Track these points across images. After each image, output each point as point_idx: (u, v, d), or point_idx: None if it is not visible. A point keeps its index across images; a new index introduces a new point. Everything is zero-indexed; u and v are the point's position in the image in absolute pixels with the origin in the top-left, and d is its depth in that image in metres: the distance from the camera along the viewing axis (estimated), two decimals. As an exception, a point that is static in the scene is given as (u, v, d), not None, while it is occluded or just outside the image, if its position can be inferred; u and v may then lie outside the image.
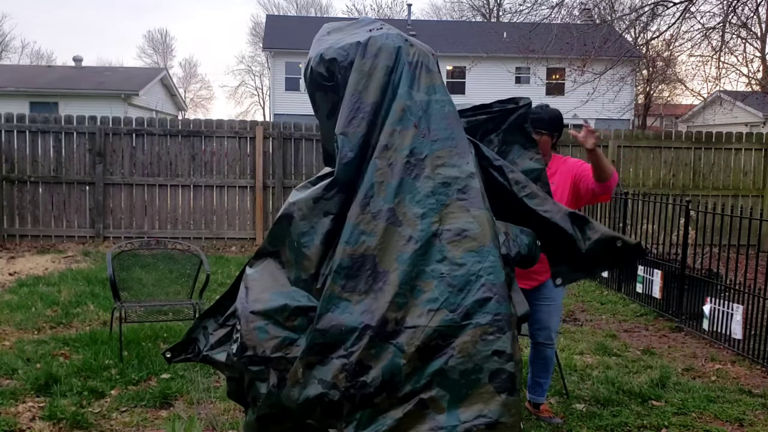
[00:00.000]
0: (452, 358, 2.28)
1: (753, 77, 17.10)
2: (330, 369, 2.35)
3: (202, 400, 4.21)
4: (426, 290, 2.36)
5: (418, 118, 2.56)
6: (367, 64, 2.59)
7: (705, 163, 11.26)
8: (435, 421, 2.28)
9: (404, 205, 2.46)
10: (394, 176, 2.48)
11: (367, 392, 2.32)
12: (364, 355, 2.33)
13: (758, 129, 22.38)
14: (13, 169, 10.12)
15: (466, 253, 2.38)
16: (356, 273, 2.40)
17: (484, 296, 2.32)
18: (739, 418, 4.10)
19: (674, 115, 36.41)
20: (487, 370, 2.27)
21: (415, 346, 2.29)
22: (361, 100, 2.55)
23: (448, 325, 2.30)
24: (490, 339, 2.28)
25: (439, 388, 2.29)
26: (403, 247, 2.41)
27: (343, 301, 2.39)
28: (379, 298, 2.36)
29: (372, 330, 2.33)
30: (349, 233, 2.43)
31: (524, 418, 3.99)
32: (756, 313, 5.21)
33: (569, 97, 17.58)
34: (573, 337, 5.80)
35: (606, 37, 12.02)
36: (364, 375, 2.32)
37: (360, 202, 2.46)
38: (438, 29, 32.28)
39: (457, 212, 2.46)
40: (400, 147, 2.52)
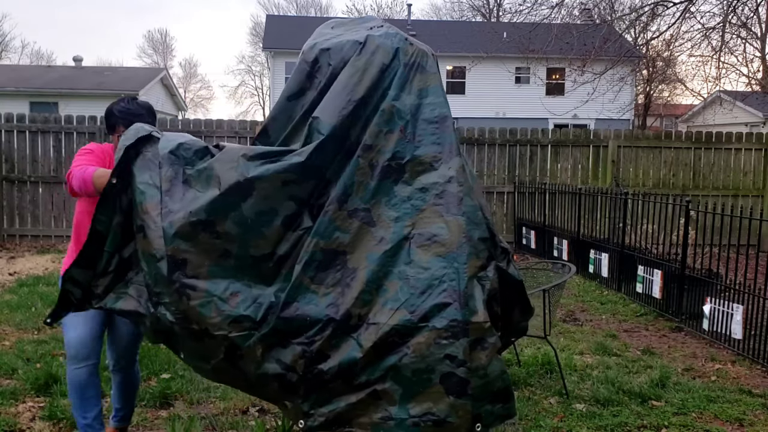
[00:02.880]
0: (406, 356, 2.37)
1: (753, 77, 17.10)
2: (289, 353, 2.45)
3: (202, 400, 4.21)
4: (390, 290, 2.43)
5: (405, 122, 2.60)
6: (362, 60, 2.62)
7: (705, 163, 11.26)
8: (386, 411, 2.41)
9: (380, 207, 2.52)
10: (374, 178, 2.54)
11: (323, 378, 2.43)
12: (325, 345, 2.42)
13: (758, 129, 22.39)
14: (13, 169, 10.12)
15: (434, 258, 2.44)
16: (326, 267, 2.47)
17: (444, 301, 2.38)
18: (739, 418, 4.10)
19: (674, 115, 36.42)
20: (439, 372, 2.36)
21: (373, 341, 2.39)
22: (352, 93, 2.58)
23: (405, 324, 2.38)
24: (444, 343, 2.35)
25: (393, 382, 2.40)
26: (375, 247, 2.47)
27: (311, 293, 2.45)
28: (346, 294, 2.44)
29: (335, 323, 2.42)
30: (324, 227, 2.48)
31: (523, 417, 4.00)
32: (756, 313, 5.21)
33: (569, 97, 17.58)
34: (573, 337, 5.80)
35: (606, 37, 12.02)
36: (322, 363, 2.43)
37: (338, 197, 2.51)
38: (438, 29, 32.27)
39: (431, 217, 2.51)
40: (383, 149, 2.56)
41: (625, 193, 7.71)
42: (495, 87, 28.75)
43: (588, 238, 8.31)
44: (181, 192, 2.54)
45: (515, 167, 11.02)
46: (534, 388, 4.54)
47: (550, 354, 4.84)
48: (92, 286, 2.76)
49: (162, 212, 2.53)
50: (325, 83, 2.67)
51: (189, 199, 2.52)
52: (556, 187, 9.53)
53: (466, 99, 28.97)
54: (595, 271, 8.05)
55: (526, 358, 5.02)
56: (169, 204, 2.52)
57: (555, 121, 24.17)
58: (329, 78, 2.67)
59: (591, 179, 10.97)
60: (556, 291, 4.52)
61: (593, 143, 11.12)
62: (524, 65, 19.97)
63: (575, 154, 11.15)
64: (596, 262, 8.03)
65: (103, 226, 2.68)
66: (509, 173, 11.00)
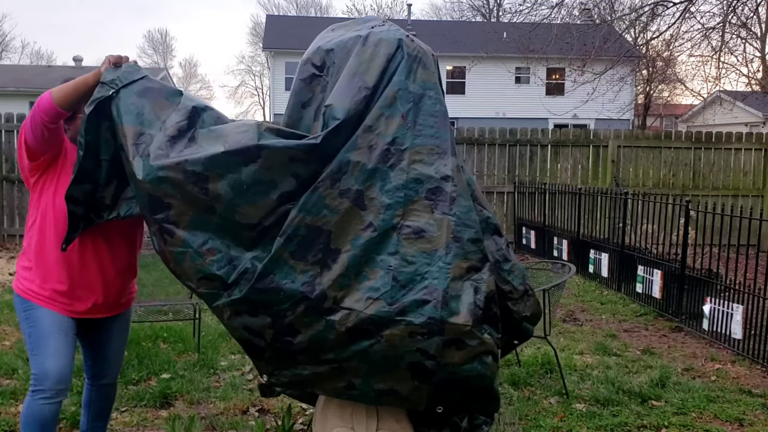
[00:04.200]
0: (378, 344, 2.39)
1: (753, 77, 17.10)
2: (258, 321, 2.47)
3: (202, 400, 4.21)
4: (371, 278, 2.41)
5: (408, 109, 2.58)
6: (368, 51, 2.63)
7: (705, 163, 11.27)
8: (350, 382, 2.47)
9: (373, 191, 2.49)
10: (371, 161, 2.50)
11: (290, 349, 2.46)
12: (296, 321, 2.43)
13: (758, 129, 22.40)
14: (13, 169, 10.12)
15: (419, 253, 2.43)
16: (308, 243, 2.44)
17: (424, 298, 2.37)
18: (739, 418, 4.10)
19: (674, 115, 36.42)
20: (408, 359, 2.39)
21: (347, 327, 2.39)
22: (363, 81, 2.57)
23: (382, 316, 2.37)
24: (418, 339, 2.36)
25: (360, 362, 2.43)
26: (361, 231, 2.45)
27: (288, 267, 2.43)
28: (324, 274, 2.42)
29: (309, 302, 2.41)
30: (313, 203, 2.45)
31: (523, 417, 4.00)
32: (756, 313, 5.21)
33: (569, 97, 17.58)
34: (573, 337, 5.80)
35: (606, 37, 12.02)
36: (291, 336, 2.45)
37: (331, 175, 2.47)
38: (438, 29, 32.26)
39: (421, 211, 2.49)
40: (383, 133, 2.53)
41: (625, 193, 7.71)
42: (495, 87, 28.74)
43: (588, 238, 8.31)
44: (182, 146, 2.50)
45: (515, 167, 11.02)
46: (534, 388, 4.54)
47: (550, 354, 4.84)
48: (98, 198, 2.74)
49: (148, 148, 2.50)
50: (333, 81, 2.67)
51: (187, 151, 2.49)
52: (556, 187, 9.53)
53: (466, 99, 28.97)
54: (595, 271, 8.05)
55: (526, 358, 5.02)
56: (166, 149, 2.49)
57: (555, 121, 24.15)
58: (336, 74, 2.66)
59: (591, 179, 10.97)
60: (556, 291, 4.52)
61: (593, 143, 11.12)
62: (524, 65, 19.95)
63: (575, 154, 11.16)
64: (596, 262, 8.04)
65: (92, 135, 2.64)
66: (509, 173, 11.00)
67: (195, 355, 5.00)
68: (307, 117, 2.73)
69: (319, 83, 2.74)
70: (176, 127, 2.54)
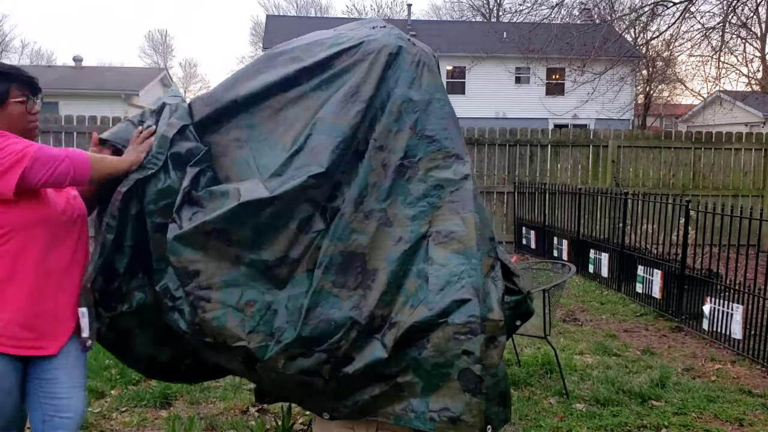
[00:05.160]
0: (425, 350, 2.38)
1: (753, 77, 17.09)
2: (314, 360, 2.41)
3: (202, 400, 4.21)
4: (410, 288, 2.43)
5: (415, 118, 2.58)
6: (368, 60, 2.61)
7: (705, 163, 11.27)
8: (409, 403, 2.42)
9: (396, 207, 2.51)
10: (387, 178, 2.52)
11: (349, 380, 2.43)
12: (350, 348, 2.41)
13: (758, 129, 22.39)
14: (13, 169, 10.11)
15: (452, 254, 2.45)
16: (346, 269, 2.45)
17: (463, 297, 2.38)
18: (739, 418, 4.10)
19: (674, 115, 36.41)
20: (457, 367, 2.37)
21: (395, 340, 2.38)
22: (358, 93, 2.56)
23: (425, 321, 2.38)
24: (462, 339, 2.36)
25: (414, 375, 2.40)
26: (393, 247, 2.47)
27: (333, 297, 2.43)
28: (368, 296, 2.43)
29: (359, 326, 2.41)
30: (342, 230, 2.47)
31: (523, 417, 4.00)
32: (756, 313, 5.20)
33: (569, 97, 17.60)
34: (573, 337, 5.80)
35: (606, 37, 12.02)
36: (348, 366, 2.42)
37: (354, 200, 2.49)
38: (438, 29, 32.26)
39: (448, 214, 2.51)
40: (394, 149, 2.55)
41: (625, 193, 7.71)
42: (495, 87, 28.74)
43: (588, 238, 8.31)
44: (190, 212, 2.46)
45: (515, 167, 11.02)
46: (534, 388, 4.54)
47: (550, 354, 4.84)
48: (113, 289, 2.56)
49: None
50: (326, 85, 2.65)
51: (198, 216, 2.45)
52: (556, 187, 9.53)
53: (466, 99, 28.97)
54: (595, 271, 8.05)
55: (526, 358, 5.02)
56: (178, 219, 2.44)
57: (555, 121, 24.18)
58: (336, 77, 2.65)
59: (591, 179, 10.97)
60: (556, 291, 4.51)
61: (593, 143, 11.12)
62: (524, 65, 19.98)
63: (575, 154, 11.15)
64: (596, 262, 8.03)
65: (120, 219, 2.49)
66: (509, 173, 11.00)
67: (195, 355, 4.99)
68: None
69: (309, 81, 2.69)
70: (182, 194, 2.48)
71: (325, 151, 2.50)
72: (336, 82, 2.63)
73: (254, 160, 2.58)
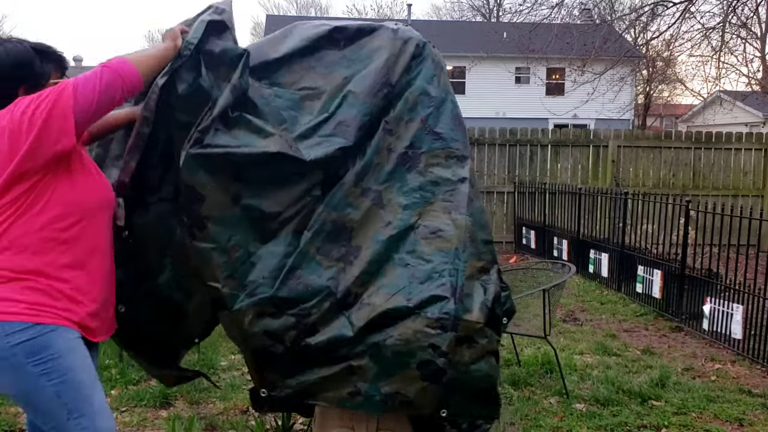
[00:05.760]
0: (391, 338, 2.36)
1: (753, 77, 17.10)
2: (281, 323, 2.36)
3: (202, 400, 4.22)
4: (388, 275, 2.42)
5: (428, 113, 2.63)
6: (398, 46, 2.66)
7: (705, 163, 11.27)
8: (356, 387, 2.39)
9: (391, 192, 2.53)
10: (390, 163, 2.55)
11: (308, 352, 2.38)
12: (319, 319, 2.37)
13: (758, 129, 22.40)
14: (13, 169, 10.11)
15: (437, 252, 2.45)
16: (333, 239, 2.44)
17: (441, 294, 2.39)
18: (739, 417, 4.10)
19: (674, 115, 36.44)
20: (419, 357, 2.36)
21: (364, 321, 2.36)
22: (387, 76, 2.60)
23: (400, 309, 2.37)
24: (431, 333, 2.35)
25: (370, 360, 2.37)
26: (381, 229, 2.47)
27: (315, 263, 2.41)
28: (347, 271, 2.42)
29: (334, 297, 2.39)
30: (338, 200, 2.47)
31: (523, 417, 4.00)
32: (756, 313, 5.20)
33: (569, 97, 17.57)
34: (573, 337, 5.80)
35: (606, 37, 12.03)
36: (311, 337, 2.38)
37: (356, 174, 2.50)
38: (438, 29, 32.26)
39: (438, 212, 2.52)
40: (402, 137, 2.58)
41: (625, 193, 7.71)
42: (495, 87, 28.75)
43: (588, 238, 8.31)
44: (219, 132, 2.33)
45: (515, 167, 11.02)
46: (534, 388, 4.54)
47: (550, 354, 4.84)
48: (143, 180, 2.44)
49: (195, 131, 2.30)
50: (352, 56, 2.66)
51: (225, 139, 2.33)
52: (556, 187, 9.53)
53: (466, 99, 28.95)
54: (595, 271, 8.05)
55: (526, 358, 5.02)
56: (206, 134, 2.30)
57: (555, 121, 24.16)
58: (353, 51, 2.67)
59: (591, 179, 10.97)
60: (556, 291, 4.52)
61: (593, 143, 11.12)
62: (524, 65, 19.97)
63: (575, 154, 11.15)
64: (596, 262, 8.03)
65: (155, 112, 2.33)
66: (509, 173, 11.00)
67: (195, 355, 4.99)
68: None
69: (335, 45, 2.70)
70: (222, 109, 2.33)
71: (353, 126, 2.51)
72: (366, 57, 2.66)
73: (279, 115, 2.53)
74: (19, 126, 1.97)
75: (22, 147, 1.97)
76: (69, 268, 2.11)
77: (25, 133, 1.97)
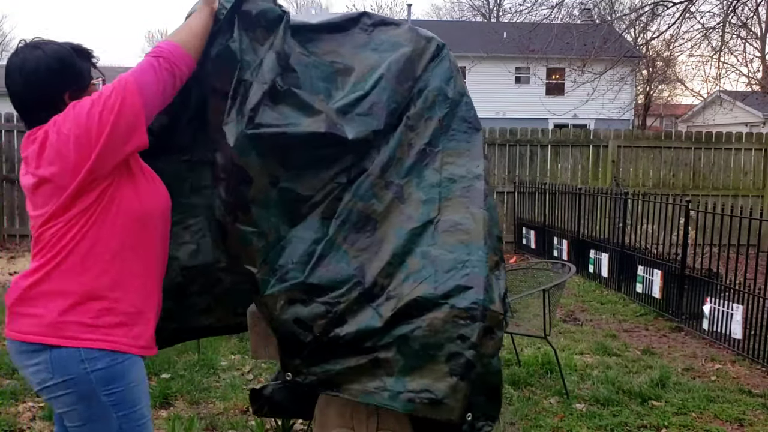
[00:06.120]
0: (419, 329, 2.32)
1: (753, 77, 17.11)
2: (311, 311, 2.33)
3: (202, 400, 4.22)
4: (412, 266, 2.41)
5: (445, 113, 2.65)
6: (421, 43, 2.68)
7: (705, 163, 11.26)
8: (382, 381, 2.33)
9: (411, 186, 2.53)
10: (410, 158, 2.55)
11: (337, 343, 2.34)
12: (347, 309, 2.34)
13: (758, 129, 22.41)
14: (13, 169, 10.13)
15: (458, 244, 2.45)
16: (359, 229, 2.43)
17: (467, 284, 2.36)
18: (739, 418, 4.10)
19: (674, 115, 36.44)
20: (447, 350, 2.31)
21: (392, 312, 2.33)
22: (413, 70, 2.61)
23: (428, 297, 2.34)
24: (461, 323, 2.32)
25: (397, 352, 2.32)
26: (403, 222, 2.46)
27: (342, 251, 2.39)
28: (373, 261, 2.40)
29: (362, 287, 2.36)
30: (364, 190, 2.45)
31: (523, 417, 4.00)
32: (756, 313, 5.20)
33: (569, 97, 17.57)
34: (573, 337, 5.80)
35: (606, 37, 12.02)
36: (340, 327, 2.33)
37: (381, 166, 2.49)
38: (438, 29, 32.09)
39: (457, 207, 2.53)
40: (421, 134, 2.59)
41: (625, 193, 7.71)
42: (495, 87, 28.74)
43: (588, 238, 8.31)
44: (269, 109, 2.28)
45: (515, 167, 11.02)
46: (534, 388, 4.54)
47: (550, 354, 4.84)
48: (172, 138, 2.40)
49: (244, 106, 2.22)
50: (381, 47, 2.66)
51: (271, 115, 2.28)
52: (556, 187, 9.53)
53: (466, 99, 28.95)
54: (595, 271, 8.05)
55: (526, 358, 5.02)
56: (258, 111, 2.24)
57: (555, 121, 24.15)
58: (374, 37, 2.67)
59: (591, 179, 10.97)
60: (556, 291, 4.52)
61: (593, 143, 11.12)
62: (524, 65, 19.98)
63: (575, 154, 11.15)
64: (596, 262, 8.03)
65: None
66: (509, 173, 11.00)
67: (195, 355, 5.00)
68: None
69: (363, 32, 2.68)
70: (272, 80, 2.27)
71: (383, 112, 2.50)
72: (391, 47, 2.65)
73: (317, 86, 2.48)
74: (86, 130, 1.87)
75: (93, 151, 1.87)
76: (139, 282, 2.05)
77: (95, 136, 1.87)
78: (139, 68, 1.98)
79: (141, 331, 2.04)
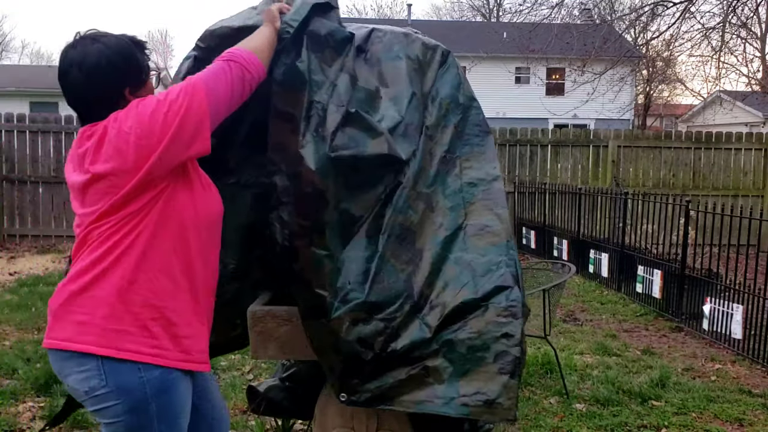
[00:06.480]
0: (463, 332, 2.33)
1: (753, 77, 17.12)
2: (372, 328, 2.34)
3: (202, 400, 4.21)
4: (449, 273, 2.43)
5: (458, 119, 2.67)
6: (428, 56, 2.68)
7: (705, 163, 11.26)
8: (433, 390, 2.33)
9: (437, 195, 2.55)
10: (433, 167, 2.57)
11: (393, 357, 2.34)
12: (401, 323, 2.35)
13: (758, 129, 22.40)
14: (13, 169, 10.12)
15: (489, 246, 2.47)
16: (401, 242, 2.45)
17: (504, 284, 2.39)
18: (739, 418, 4.10)
19: (674, 115, 36.43)
20: (494, 350, 2.32)
21: (438, 321, 2.35)
22: (420, 88, 2.61)
23: (468, 302, 2.36)
24: (503, 322, 2.34)
25: (444, 359, 2.34)
26: (436, 231, 2.48)
27: (391, 266, 2.41)
28: (417, 273, 2.42)
29: (412, 300, 2.38)
30: (402, 203, 2.47)
31: (523, 417, 4.00)
32: (756, 313, 5.20)
33: (569, 97, 17.57)
34: (573, 337, 5.80)
35: (606, 37, 12.02)
36: (395, 342, 2.34)
37: (413, 177, 2.51)
38: (438, 29, 32.25)
39: (481, 210, 2.55)
40: (440, 142, 2.61)
41: (625, 193, 7.71)
42: (495, 87, 28.73)
43: (588, 238, 8.31)
44: (345, 133, 2.31)
45: (515, 167, 11.02)
46: (534, 388, 4.54)
47: (550, 354, 4.84)
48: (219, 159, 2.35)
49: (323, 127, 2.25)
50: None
51: (348, 144, 2.32)
52: (556, 187, 9.53)
53: (466, 99, 28.94)
54: (595, 271, 8.05)
55: (527, 358, 5.01)
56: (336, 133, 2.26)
57: (555, 121, 24.14)
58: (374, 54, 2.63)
59: (591, 179, 10.97)
60: (556, 291, 4.52)
61: (593, 143, 11.12)
62: (524, 65, 19.97)
63: (575, 154, 11.15)
64: (596, 262, 8.03)
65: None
66: (509, 173, 10.99)
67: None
68: None
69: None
70: (347, 102, 2.29)
71: (416, 132, 2.53)
72: (406, 55, 2.64)
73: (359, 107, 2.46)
74: (149, 129, 1.80)
75: (154, 152, 1.80)
76: (190, 292, 1.98)
77: (157, 137, 1.80)
78: (209, 71, 1.92)
79: (192, 344, 1.97)
